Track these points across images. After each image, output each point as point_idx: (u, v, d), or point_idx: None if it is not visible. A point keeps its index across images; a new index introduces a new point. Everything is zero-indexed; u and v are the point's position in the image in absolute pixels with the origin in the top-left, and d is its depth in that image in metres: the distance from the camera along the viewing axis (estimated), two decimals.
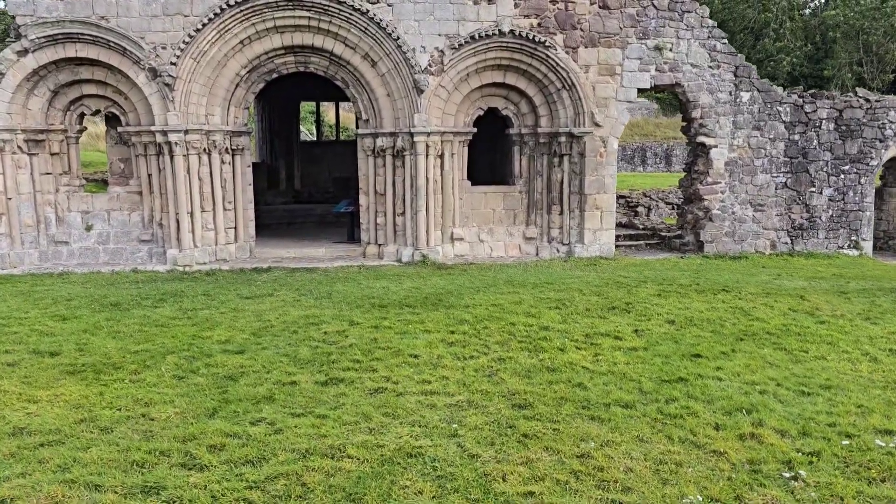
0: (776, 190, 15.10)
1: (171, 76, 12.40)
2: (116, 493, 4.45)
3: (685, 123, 15.19)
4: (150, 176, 13.17)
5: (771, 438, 5.30)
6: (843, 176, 15.35)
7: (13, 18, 12.46)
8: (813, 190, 15.25)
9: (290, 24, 12.82)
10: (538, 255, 14.35)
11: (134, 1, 12.44)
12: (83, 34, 12.31)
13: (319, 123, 27.88)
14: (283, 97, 21.29)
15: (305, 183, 22.47)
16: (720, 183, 14.83)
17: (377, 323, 8.40)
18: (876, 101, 15.35)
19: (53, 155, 13.23)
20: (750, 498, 4.49)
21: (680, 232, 15.68)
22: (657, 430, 5.46)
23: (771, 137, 14.93)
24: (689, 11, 14.24)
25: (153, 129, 12.66)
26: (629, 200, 21.28)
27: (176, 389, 6.28)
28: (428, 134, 13.24)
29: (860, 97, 15.40)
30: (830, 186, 15.33)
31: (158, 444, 5.11)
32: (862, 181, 15.42)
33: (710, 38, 14.39)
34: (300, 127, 24.82)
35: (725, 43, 14.54)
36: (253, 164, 14.94)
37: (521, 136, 14.40)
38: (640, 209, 21.30)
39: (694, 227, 15.15)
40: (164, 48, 12.53)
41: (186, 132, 12.69)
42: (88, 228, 13.40)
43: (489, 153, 17.14)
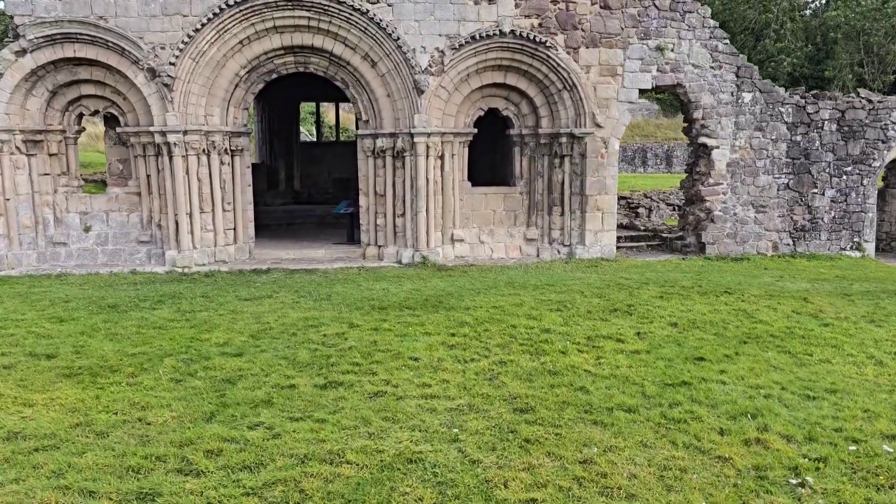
0: (778, 191, 15.02)
1: (169, 76, 12.33)
2: (111, 499, 4.38)
3: (686, 124, 15.11)
4: (148, 177, 13.10)
5: (776, 444, 5.22)
6: (845, 177, 15.26)
7: (11, 18, 12.39)
8: (815, 191, 15.17)
9: (289, 24, 12.75)
10: (539, 256, 14.28)
11: (132, 1, 12.37)
12: (81, 34, 12.25)
13: (319, 124, 27.80)
14: (282, 98, 21.21)
15: (305, 184, 22.39)
16: (722, 184, 14.75)
17: (377, 325, 8.32)
18: (878, 101, 15.26)
19: (52, 155, 13.16)
20: None
21: (681, 233, 15.60)
22: (661, 435, 5.38)
23: (773, 138, 14.85)
24: (690, 12, 14.16)
25: (152, 129, 12.58)
26: (630, 201, 21.22)
27: (173, 393, 6.21)
28: (428, 135, 13.17)
29: (863, 98, 15.31)
30: (833, 188, 15.25)
31: (154, 449, 5.04)
32: (864, 182, 15.34)
33: (711, 38, 14.31)
34: (300, 128, 24.74)
35: (727, 43, 14.46)
36: (252, 164, 14.86)
37: (521, 136, 14.32)
38: (640, 210, 21.23)
39: (695, 228, 15.08)
40: (162, 48, 12.46)
41: (185, 133, 12.62)
42: (87, 229, 13.33)
43: (490, 154, 17.07)
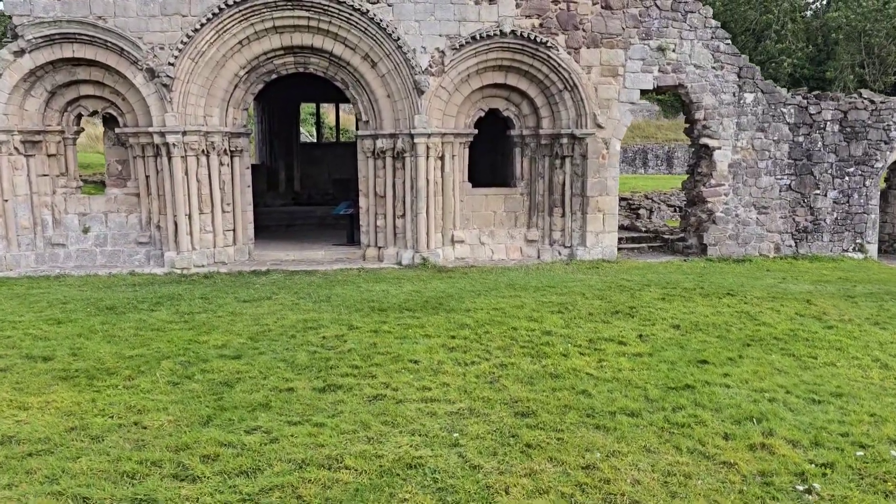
0: (780, 192, 14.94)
1: (168, 77, 12.26)
2: None
3: (688, 125, 15.04)
4: (147, 178, 13.03)
5: (782, 449, 5.13)
6: (847, 178, 15.18)
7: (10, 18, 12.33)
8: (817, 192, 15.09)
9: (289, 24, 12.69)
10: (540, 257, 14.20)
11: (131, 1, 12.31)
12: (80, 34, 12.18)
13: (319, 125, 27.75)
14: (282, 98, 21.15)
15: (305, 185, 22.33)
16: (724, 185, 14.67)
17: (376, 327, 8.24)
18: (881, 102, 15.18)
19: (50, 156, 13.08)
20: None
21: (683, 234, 15.52)
22: (664, 439, 5.30)
23: (775, 139, 14.77)
24: (692, 12, 14.08)
25: (151, 130, 12.51)
26: (631, 203, 21.15)
27: (170, 396, 6.13)
28: (428, 135, 13.10)
29: (865, 98, 15.23)
30: (835, 189, 15.16)
31: (150, 453, 4.96)
32: (867, 183, 15.26)
33: (713, 38, 14.24)
34: (300, 128, 24.68)
35: (729, 44, 14.38)
36: (252, 165, 14.80)
37: (522, 137, 14.25)
38: (641, 211, 21.17)
39: (697, 229, 15.00)
40: (161, 48, 12.39)
41: (184, 133, 12.55)
42: (86, 230, 13.25)
43: (490, 155, 16.99)
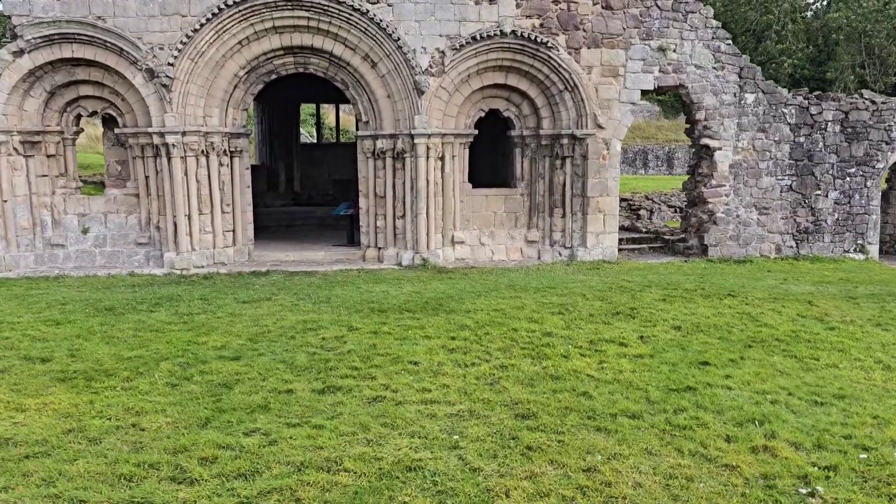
0: (781, 193, 14.91)
1: (168, 77, 12.22)
2: None
3: (689, 125, 15.00)
4: (147, 178, 12.99)
5: (785, 451, 5.09)
6: (848, 179, 15.14)
7: (9, 18, 12.30)
8: (818, 193, 15.05)
9: (289, 24, 12.65)
10: (540, 258, 14.16)
11: (131, 1, 12.28)
12: (80, 34, 12.15)
13: (320, 126, 27.73)
14: (282, 99, 21.12)
15: (305, 185, 22.30)
16: (724, 186, 14.63)
17: (376, 328, 8.21)
18: (882, 102, 15.14)
19: (50, 157, 13.05)
20: None
21: (683, 235, 15.48)
22: (666, 442, 5.26)
23: (776, 139, 14.73)
24: (693, 12, 14.05)
25: (150, 130, 12.48)
26: (631, 203, 21.12)
27: (168, 398, 6.10)
28: (428, 136, 13.06)
29: (866, 99, 15.19)
30: (836, 189, 15.12)
31: (148, 456, 4.92)
32: (868, 184, 15.21)
33: (714, 38, 14.20)
34: (300, 129, 24.65)
35: (730, 44, 14.34)
36: (252, 166, 14.77)
37: (522, 137, 14.21)
38: (642, 212, 21.14)
39: (698, 230, 14.96)
40: (161, 48, 12.36)
41: (184, 134, 12.51)
42: (85, 231, 13.22)
43: (490, 155, 16.96)
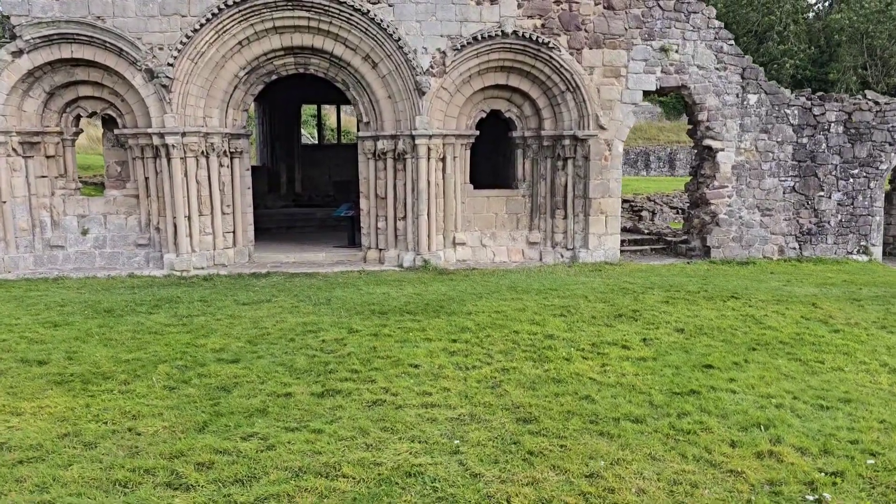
0: (784, 194, 14.83)
1: (168, 77, 12.17)
2: None
3: (691, 126, 14.92)
4: (147, 179, 12.94)
5: (791, 457, 5.02)
6: (852, 180, 15.06)
7: (8, 18, 12.25)
8: (821, 194, 14.97)
9: (289, 24, 12.60)
10: (542, 260, 14.09)
11: (130, 1, 12.23)
12: (79, 35, 12.10)
13: (321, 126, 27.68)
14: (283, 100, 21.08)
15: (306, 186, 22.25)
16: (727, 187, 14.56)
17: (377, 330, 8.14)
18: (886, 103, 15.06)
19: (49, 157, 13.00)
20: None
21: (686, 237, 15.41)
22: (670, 447, 5.19)
23: (779, 140, 14.65)
24: (695, 12, 13.98)
25: (150, 131, 12.42)
26: (633, 205, 21.05)
27: (166, 401, 6.03)
28: (429, 136, 13.00)
29: (869, 100, 15.11)
30: (839, 191, 15.04)
31: (143, 461, 4.85)
32: (871, 185, 15.13)
33: (716, 39, 14.13)
34: (301, 130, 24.60)
35: (732, 44, 14.26)
36: (253, 167, 14.71)
37: (524, 138, 14.14)
38: (644, 214, 21.06)
39: (700, 231, 14.88)
40: (161, 49, 12.31)
41: (184, 134, 12.46)
42: (84, 232, 13.16)
43: (492, 156, 16.89)
